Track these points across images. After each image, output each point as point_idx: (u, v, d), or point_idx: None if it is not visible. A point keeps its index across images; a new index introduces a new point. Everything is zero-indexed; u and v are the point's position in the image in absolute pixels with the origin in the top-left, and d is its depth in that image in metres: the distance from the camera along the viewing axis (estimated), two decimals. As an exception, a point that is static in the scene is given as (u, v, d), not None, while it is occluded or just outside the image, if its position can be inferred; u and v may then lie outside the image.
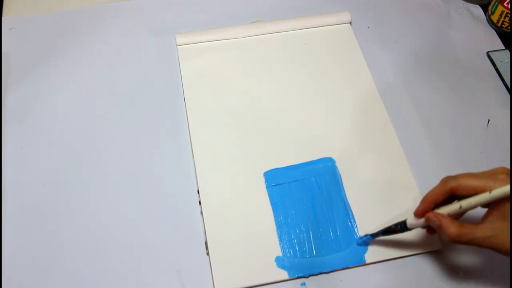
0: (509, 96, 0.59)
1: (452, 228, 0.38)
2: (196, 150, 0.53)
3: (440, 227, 0.39)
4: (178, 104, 0.57)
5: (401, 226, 0.43)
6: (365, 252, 0.47)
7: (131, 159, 0.52)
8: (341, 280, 0.46)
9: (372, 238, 0.46)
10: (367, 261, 0.46)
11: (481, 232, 0.37)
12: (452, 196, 0.40)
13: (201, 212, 0.49)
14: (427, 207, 0.40)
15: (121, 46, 0.61)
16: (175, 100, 0.57)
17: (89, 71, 0.59)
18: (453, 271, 0.47)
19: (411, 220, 0.42)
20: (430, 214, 0.40)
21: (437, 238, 0.48)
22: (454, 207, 0.39)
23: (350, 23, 0.64)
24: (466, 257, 0.47)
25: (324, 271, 0.46)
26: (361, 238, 0.47)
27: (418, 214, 0.41)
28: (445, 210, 0.39)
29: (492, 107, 0.58)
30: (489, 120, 0.57)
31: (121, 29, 0.63)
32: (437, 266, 0.47)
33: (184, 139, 0.54)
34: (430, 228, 0.42)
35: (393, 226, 0.44)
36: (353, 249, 0.47)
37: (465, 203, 0.38)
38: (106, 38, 0.62)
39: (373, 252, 0.47)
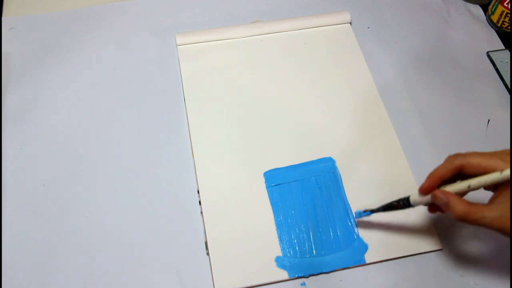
0: (509, 96, 0.59)
1: (460, 206, 0.37)
2: (196, 150, 0.53)
3: (447, 205, 0.38)
4: (178, 104, 0.57)
5: (404, 203, 0.42)
6: (365, 252, 0.47)
7: (131, 159, 0.52)
8: (341, 280, 0.46)
9: (371, 214, 0.46)
10: (367, 261, 0.46)
11: (490, 212, 0.36)
12: (457, 174, 0.39)
13: (201, 212, 0.49)
14: (433, 184, 0.39)
15: (121, 46, 0.61)
16: (175, 100, 0.57)
17: (89, 71, 0.59)
18: (453, 271, 0.47)
19: (414, 196, 0.41)
20: (437, 192, 0.39)
21: (437, 238, 0.48)
22: (462, 185, 0.38)
23: (350, 23, 0.64)
24: (466, 257, 0.47)
25: (324, 271, 0.46)
26: (360, 213, 0.47)
27: (423, 191, 0.40)
28: (452, 188, 0.38)
29: (492, 107, 0.58)
30: (489, 120, 0.57)
31: (121, 29, 0.63)
32: (437, 266, 0.47)
33: (184, 139, 0.54)
34: (432, 206, 0.41)
35: (395, 202, 0.43)
36: (353, 249, 0.47)
37: (474, 182, 0.37)
38: (106, 38, 0.62)
39: (373, 252, 0.47)
